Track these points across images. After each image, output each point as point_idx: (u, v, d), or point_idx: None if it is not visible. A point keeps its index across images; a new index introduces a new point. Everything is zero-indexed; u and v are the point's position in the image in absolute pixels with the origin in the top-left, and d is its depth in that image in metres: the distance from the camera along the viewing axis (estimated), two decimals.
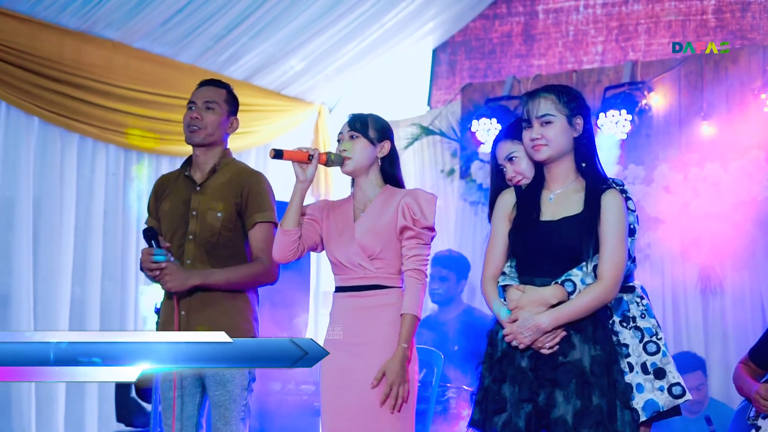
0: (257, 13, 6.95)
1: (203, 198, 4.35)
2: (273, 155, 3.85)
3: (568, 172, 3.68)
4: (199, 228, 4.31)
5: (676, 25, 7.32)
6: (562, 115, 3.62)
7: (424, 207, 3.93)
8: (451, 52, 8.20)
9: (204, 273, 4.24)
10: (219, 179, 4.38)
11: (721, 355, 6.59)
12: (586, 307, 3.53)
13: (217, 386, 4.22)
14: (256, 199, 4.32)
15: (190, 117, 4.36)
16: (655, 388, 3.76)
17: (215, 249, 4.32)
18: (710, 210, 6.55)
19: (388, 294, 3.97)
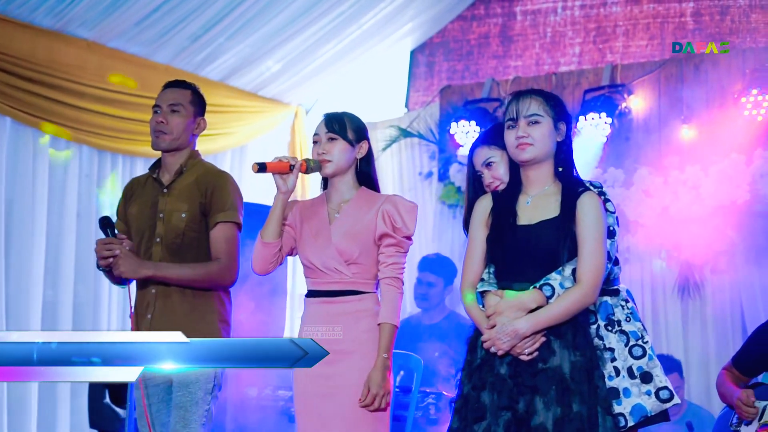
0: (234, 13, 6.86)
1: (170, 200, 4.27)
2: (256, 170, 3.77)
3: (546, 176, 3.64)
4: (165, 230, 4.24)
5: (654, 27, 7.28)
6: (549, 117, 3.59)
7: (405, 216, 3.88)
8: (429, 54, 8.14)
9: (158, 265, 4.16)
10: (185, 180, 4.30)
11: (700, 358, 6.56)
12: (565, 312, 3.48)
13: (180, 387, 4.13)
14: (219, 199, 4.22)
15: (155, 121, 4.29)
16: (642, 393, 3.70)
17: (180, 251, 4.23)
18: (690, 214, 6.52)
19: (363, 300, 3.91)
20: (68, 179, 6.68)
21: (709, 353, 6.47)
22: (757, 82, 6.16)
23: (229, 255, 4.21)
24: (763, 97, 6.13)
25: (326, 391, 3.85)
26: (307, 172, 3.91)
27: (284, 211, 3.91)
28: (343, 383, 3.82)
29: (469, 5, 7.94)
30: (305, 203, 4.10)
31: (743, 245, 6.42)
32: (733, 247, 6.48)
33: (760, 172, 6.28)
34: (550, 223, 3.55)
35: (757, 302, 6.38)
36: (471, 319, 3.67)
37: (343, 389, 3.82)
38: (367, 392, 3.80)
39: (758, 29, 6.88)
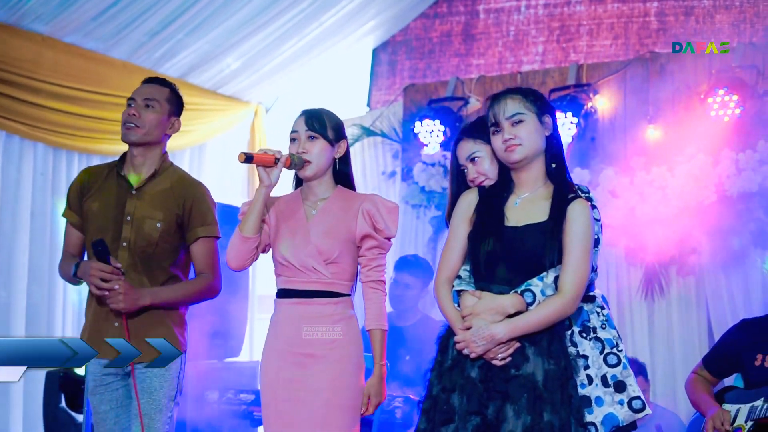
0: (193, 9, 6.76)
1: (140, 204, 4.16)
2: (243, 159, 3.67)
3: (538, 175, 3.55)
4: (135, 236, 4.14)
5: (618, 26, 7.26)
6: (532, 114, 3.50)
7: (387, 217, 3.82)
8: (391, 52, 8.08)
9: (153, 292, 4.11)
10: (159, 185, 4.20)
11: (666, 360, 6.54)
12: (544, 320, 3.40)
13: (142, 394, 4.06)
14: (199, 213, 4.18)
15: (128, 114, 4.19)
16: (615, 402, 3.61)
17: (150, 259, 4.16)
18: (656, 215, 6.48)
19: (339, 303, 3.83)
20: (22, 177, 6.54)
21: (674, 355, 6.44)
22: (724, 82, 6.15)
23: (214, 269, 4.22)
24: (730, 98, 6.11)
25: (297, 396, 3.76)
26: (290, 168, 3.83)
27: (264, 205, 3.81)
28: (315, 388, 3.75)
29: (432, 3, 7.89)
30: (278, 200, 4.00)
31: (709, 246, 6.40)
32: (699, 249, 6.46)
33: (727, 173, 6.26)
34: (538, 227, 3.46)
35: (724, 304, 6.38)
36: (444, 316, 3.58)
37: (315, 394, 3.74)
38: (368, 401, 3.79)
39: (722, 30, 6.89)
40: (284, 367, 3.79)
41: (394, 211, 3.85)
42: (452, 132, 7.02)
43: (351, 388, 3.78)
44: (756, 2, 6.79)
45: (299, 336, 3.79)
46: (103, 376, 4.13)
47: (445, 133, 7.02)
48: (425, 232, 7.19)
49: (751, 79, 6.27)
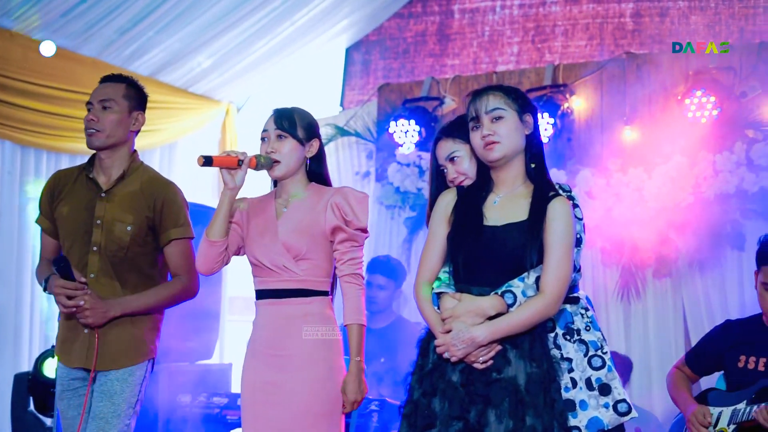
0: (164, 6, 6.69)
1: (110, 207, 4.08)
2: (202, 162, 3.59)
3: (517, 174, 3.50)
4: (105, 240, 4.05)
5: (593, 27, 7.26)
6: (512, 110, 3.45)
7: (356, 207, 3.75)
8: (365, 52, 8.04)
9: (123, 302, 4.02)
10: (128, 187, 4.11)
11: (642, 361, 6.51)
12: (525, 322, 3.35)
13: (102, 397, 3.98)
14: (171, 214, 4.10)
15: (87, 119, 4.09)
16: (600, 405, 3.55)
17: (122, 263, 4.07)
18: (633, 216, 6.46)
19: (314, 302, 3.76)
20: None
21: (651, 356, 6.42)
22: (701, 83, 6.14)
23: (189, 271, 4.13)
24: (707, 99, 6.11)
25: (276, 399, 3.70)
26: (257, 169, 3.75)
27: (231, 208, 3.75)
28: (291, 391, 3.69)
29: (406, 3, 7.86)
30: (253, 200, 3.95)
31: (685, 247, 6.39)
32: (675, 250, 6.45)
33: (704, 175, 6.26)
34: (518, 226, 3.40)
35: (700, 305, 6.37)
36: (423, 318, 3.52)
37: (294, 396, 3.69)
38: (345, 398, 3.70)
39: (697, 31, 6.90)
40: (262, 370, 3.74)
41: (363, 201, 3.79)
42: (427, 132, 7.00)
43: (328, 393, 3.70)
44: (731, 4, 6.81)
45: (275, 337, 3.73)
46: (71, 380, 4.06)
47: (420, 133, 6.99)
48: (400, 232, 7.14)
49: (728, 81, 6.27)
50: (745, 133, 6.22)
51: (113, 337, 3.99)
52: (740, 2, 6.80)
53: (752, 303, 5.95)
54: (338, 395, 3.71)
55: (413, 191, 7.08)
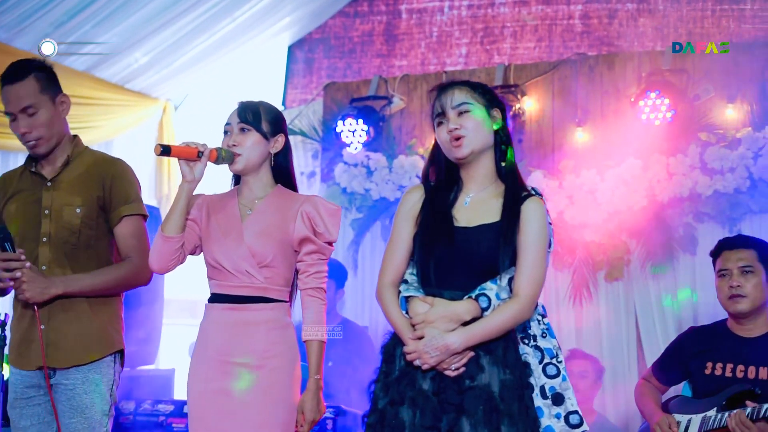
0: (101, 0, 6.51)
1: (57, 194, 3.90)
2: (159, 152, 3.47)
3: (488, 173, 3.43)
4: (55, 228, 3.87)
5: (542, 29, 7.27)
6: (479, 105, 3.38)
7: (328, 220, 3.63)
8: (308, 50, 7.94)
9: (66, 280, 3.81)
10: (74, 171, 3.94)
11: None
12: (500, 327, 3.29)
13: (73, 413, 3.78)
14: (120, 190, 3.90)
15: (19, 132, 3.88)
16: (552, 415, 3.47)
17: (75, 251, 3.88)
18: (586, 219, 6.47)
19: (273, 309, 3.63)
20: None
21: (603, 359, 6.38)
22: (656, 85, 6.16)
23: (141, 251, 3.90)
24: (662, 101, 6.12)
25: (228, 409, 3.56)
26: (217, 162, 3.61)
27: (188, 202, 3.60)
28: (245, 401, 3.55)
29: (351, 1, 7.79)
30: (212, 197, 3.80)
31: (639, 251, 6.41)
32: (628, 254, 6.46)
33: (657, 178, 6.28)
34: (491, 227, 3.33)
35: (652, 309, 6.39)
36: (390, 323, 3.42)
37: (246, 407, 3.54)
38: (302, 418, 3.57)
39: (645, 33, 6.95)
40: (213, 378, 3.58)
41: (335, 214, 3.67)
42: (375, 132, 6.94)
43: (284, 403, 3.57)
44: (679, 6, 6.88)
45: (230, 344, 3.58)
46: (25, 388, 3.87)
47: (368, 132, 6.92)
48: (346, 235, 7.06)
49: (682, 83, 6.31)
50: (699, 136, 6.27)
51: (71, 328, 3.81)
52: (688, 5, 6.86)
53: (705, 307, 6.01)
54: (293, 406, 3.59)
55: (360, 192, 7.02)
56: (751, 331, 4.34)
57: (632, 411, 6.06)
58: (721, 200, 6.18)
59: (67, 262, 3.86)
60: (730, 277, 4.34)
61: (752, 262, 4.33)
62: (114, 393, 3.87)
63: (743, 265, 4.32)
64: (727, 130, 6.22)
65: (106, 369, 3.84)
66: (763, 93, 6.17)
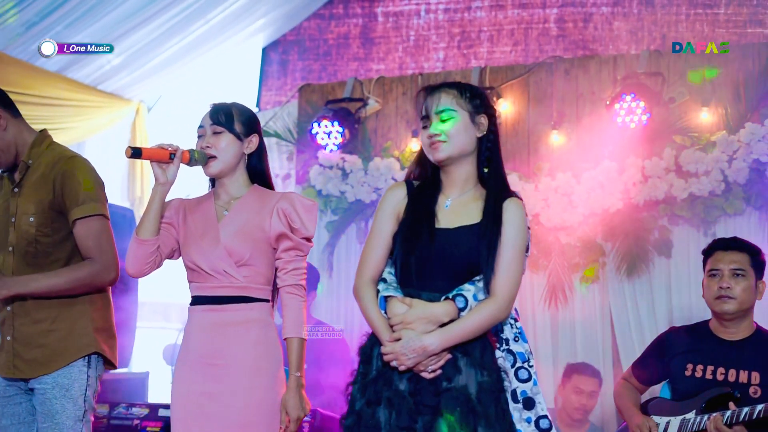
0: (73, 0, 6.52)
1: (20, 201, 3.90)
2: (130, 154, 3.49)
3: (468, 177, 3.48)
4: (16, 237, 3.86)
5: (518, 33, 7.32)
6: (464, 111, 3.42)
7: (304, 215, 3.65)
8: (282, 52, 7.95)
9: (23, 280, 3.79)
10: (34, 174, 3.92)
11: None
12: (477, 328, 3.32)
13: (45, 417, 3.80)
14: (70, 192, 3.83)
15: None
16: (523, 419, 3.51)
17: (36, 259, 3.86)
18: (561, 221, 6.50)
19: (254, 309, 3.65)
20: None
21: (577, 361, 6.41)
22: (631, 88, 6.20)
23: (100, 251, 3.86)
24: (637, 104, 6.17)
25: (210, 411, 3.58)
26: (190, 164, 3.65)
27: (162, 205, 3.63)
28: (230, 402, 3.57)
29: (326, 3, 7.82)
30: (189, 201, 3.83)
31: (614, 254, 6.45)
32: (602, 256, 6.51)
33: (633, 180, 6.33)
34: (472, 229, 3.37)
35: (627, 311, 6.42)
36: (367, 322, 3.44)
37: (229, 408, 3.57)
38: (287, 418, 3.58)
39: (620, 37, 7.01)
40: (196, 380, 3.61)
41: (311, 209, 3.69)
42: (351, 134, 6.97)
43: (266, 403, 3.60)
44: (653, 10, 6.94)
45: (212, 345, 3.61)
46: (6, 387, 3.89)
47: (343, 134, 6.93)
48: (321, 237, 7.07)
49: (657, 86, 6.37)
50: (674, 139, 6.33)
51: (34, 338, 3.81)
52: (662, 9, 6.93)
53: (680, 309, 6.07)
54: (275, 406, 3.60)
55: (336, 194, 7.04)
56: (734, 334, 4.40)
57: (610, 412, 6.13)
58: (696, 203, 6.23)
59: (31, 270, 3.84)
60: (720, 277, 4.39)
61: (744, 266, 4.39)
62: (89, 398, 3.86)
63: (735, 268, 4.39)
64: (702, 134, 6.28)
65: (77, 374, 3.82)
66: (737, 96, 6.24)
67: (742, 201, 6.17)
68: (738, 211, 6.18)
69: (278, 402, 3.59)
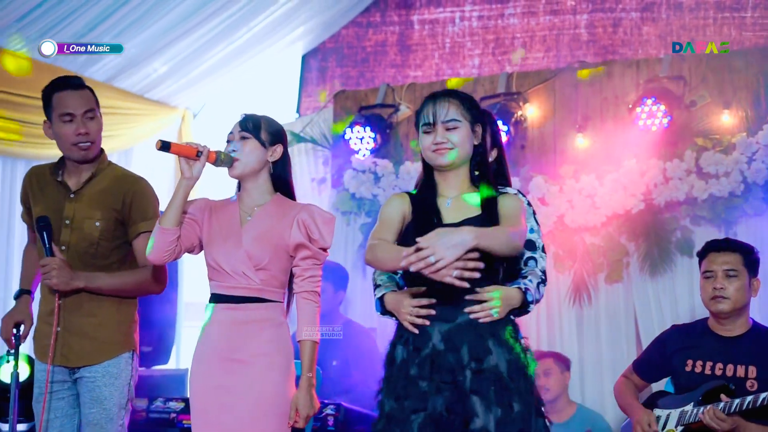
0: (120, 12, 6.78)
1: (78, 206, 4.26)
2: (159, 146, 3.74)
3: (463, 179, 3.69)
4: (76, 238, 4.23)
5: (550, 39, 7.53)
6: (466, 121, 3.63)
7: (323, 227, 3.85)
8: (321, 59, 8.21)
9: (89, 276, 4.18)
10: (97, 186, 4.29)
11: (595, 365, 6.75)
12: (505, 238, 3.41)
13: (93, 404, 4.16)
14: (140, 207, 4.24)
15: (75, 132, 4.23)
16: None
17: (94, 260, 4.26)
18: (585, 222, 6.71)
19: (268, 308, 3.89)
20: None
21: (603, 361, 6.66)
22: (652, 92, 6.39)
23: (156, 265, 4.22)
24: (658, 108, 6.35)
25: (226, 402, 3.81)
26: (216, 164, 3.88)
27: (185, 198, 3.86)
28: (243, 394, 3.81)
29: (364, 11, 8.05)
30: (216, 202, 4.06)
31: (637, 253, 6.64)
32: (626, 256, 6.69)
33: (654, 182, 6.52)
34: (474, 220, 3.54)
35: (651, 311, 6.61)
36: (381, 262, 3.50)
37: (242, 400, 3.80)
38: (296, 414, 3.81)
39: (649, 41, 7.19)
40: (213, 374, 3.85)
41: (330, 222, 3.89)
42: (382, 139, 7.19)
43: (277, 396, 3.81)
44: (681, 15, 7.11)
45: (228, 341, 3.84)
46: (49, 383, 4.21)
47: (375, 139, 7.16)
48: (355, 239, 7.32)
49: (679, 90, 6.53)
50: (695, 141, 6.50)
51: (87, 330, 4.18)
52: (690, 13, 7.10)
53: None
54: (286, 399, 3.82)
55: (368, 197, 7.27)
56: (731, 330, 4.57)
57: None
58: (716, 204, 6.40)
59: (85, 269, 4.21)
60: (714, 279, 4.55)
61: (737, 266, 4.55)
62: (131, 388, 4.25)
63: (728, 269, 4.54)
64: (723, 136, 6.43)
65: (124, 365, 4.22)
66: (758, 99, 6.41)
67: (761, 201, 6.31)
68: (758, 212, 6.33)
69: (289, 397, 3.82)
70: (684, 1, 7.13)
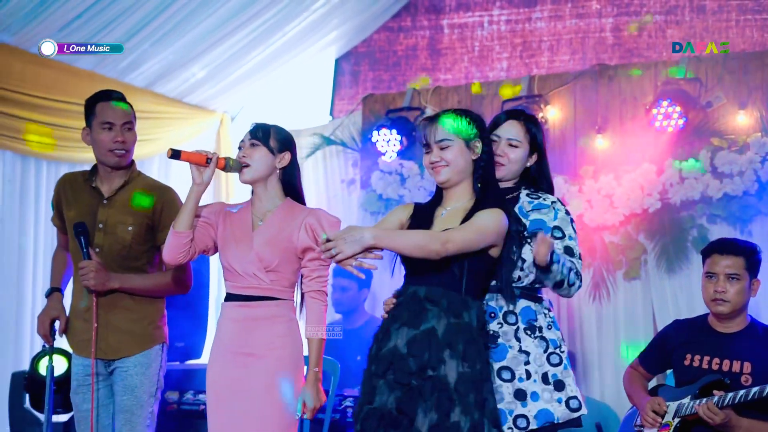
0: (158, 19, 7.02)
1: (112, 212, 4.57)
2: (170, 155, 4.00)
3: (464, 192, 3.92)
4: (109, 241, 4.55)
5: (576, 42, 7.72)
6: (459, 138, 3.87)
7: (328, 231, 3.98)
8: (354, 63, 8.43)
9: (123, 277, 4.52)
10: (128, 193, 4.60)
11: (613, 360, 6.95)
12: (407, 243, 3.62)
13: (125, 391, 4.50)
14: (170, 215, 4.47)
15: (113, 140, 4.56)
16: (554, 399, 3.96)
17: (125, 261, 4.58)
18: (604, 221, 6.89)
19: (279, 305, 4.17)
20: None
21: (621, 355, 6.87)
22: (668, 94, 6.56)
23: (183, 267, 4.57)
24: (674, 109, 6.52)
25: (237, 395, 4.10)
26: (225, 170, 4.16)
27: (197, 203, 4.11)
28: (253, 387, 4.09)
29: (395, 16, 8.27)
30: (231, 206, 4.34)
31: (654, 252, 6.82)
32: (644, 254, 6.88)
33: (670, 182, 6.70)
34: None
35: (668, 306, 6.80)
36: None
37: (252, 392, 4.08)
38: (304, 407, 4.08)
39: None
40: (227, 368, 4.14)
41: (335, 225, 4.14)
42: (409, 141, 7.36)
43: (286, 389, 4.09)
44: (705, 18, 7.28)
45: (240, 336, 4.14)
46: (86, 375, 4.56)
47: (402, 142, 7.34)
48: None
49: (695, 92, 6.69)
50: (710, 141, 6.66)
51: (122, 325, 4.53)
52: (713, 16, 7.27)
53: None
54: (297, 395, 4.10)
55: (395, 198, 7.46)
56: (729, 327, 4.73)
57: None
58: (731, 203, 6.56)
59: (118, 270, 4.55)
60: (716, 281, 4.66)
61: (739, 270, 4.64)
62: (161, 379, 4.59)
63: (730, 273, 4.64)
64: (739, 136, 6.59)
65: (155, 357, 4.57)
66: None
67: None
68: None
69: (297, 387, 4.11)
70: (707, 4, 7.29)
